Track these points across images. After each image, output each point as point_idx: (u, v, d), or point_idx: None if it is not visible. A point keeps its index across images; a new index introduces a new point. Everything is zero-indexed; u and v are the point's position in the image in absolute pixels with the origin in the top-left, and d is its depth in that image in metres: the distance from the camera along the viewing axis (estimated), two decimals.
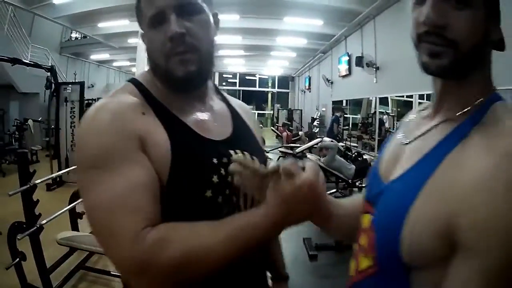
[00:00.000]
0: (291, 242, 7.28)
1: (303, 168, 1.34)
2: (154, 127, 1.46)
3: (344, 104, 21.56)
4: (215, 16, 1.69)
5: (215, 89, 1.92)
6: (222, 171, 1.52)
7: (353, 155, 13.44)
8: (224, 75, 42.95)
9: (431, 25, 1.19)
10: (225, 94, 1.99)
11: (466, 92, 1.26)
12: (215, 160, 1.53)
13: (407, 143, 1.39)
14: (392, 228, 1.17)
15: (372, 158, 12.30)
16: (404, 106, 13.51)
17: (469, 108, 1.23)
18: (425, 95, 12.41)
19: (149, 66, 1.65)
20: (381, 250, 1.25)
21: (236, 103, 2.00)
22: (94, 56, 30.91)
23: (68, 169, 9.06)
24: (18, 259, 4.78)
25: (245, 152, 1.66)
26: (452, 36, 1.17)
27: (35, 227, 4.86)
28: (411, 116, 1.60)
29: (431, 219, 1.08)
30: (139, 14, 1.61)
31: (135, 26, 16.27)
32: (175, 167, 1.41)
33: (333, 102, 22.64)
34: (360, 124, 18.24)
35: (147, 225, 1.25)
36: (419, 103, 12.31)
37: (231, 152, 1.59)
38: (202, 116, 1.67)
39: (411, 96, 12.37)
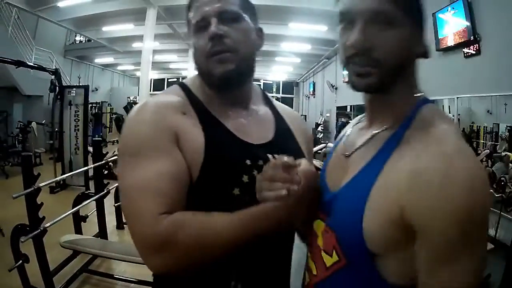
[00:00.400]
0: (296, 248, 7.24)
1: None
2: (192, 126, 1.59)
3: (348, 109, 21.58)
4: (258, 30, 1.83)
5: (262, 95, 2.04)
6: (255, 173, 1.59)
7: None
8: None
9: (359, 48, 1.28)
10: (274, 101, 2.09)
11: (395, 102, 1.40)
12: (248, 162, 1.63)
13: (349, 155, 1.52)
14: (353, 222, 1.29)
15: None
16: None
17: (400, 116, 1.37)
18: None
19: (196, 69, 1.77)
20: (347, 245, 1.35)
21: (285, 110, 2.07)
22: (99, 60, 30.94)
23: (72, 172, 9.08)
24: (21, 261, 4.80)
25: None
26: (378, 56, 1.28)
27: (38, 230, 4.87)
28: (348, 129, 1.74)
29: (385, 210, 1.22)
30: (188, 25, 1.75)
31: (139, 31, 16.33)
32: (206, 164, 1.53)
33: (338, 108, 22.69)
34: None
35: (167, 210, 1.38)
36: None
37: (269, 156, 1.62)
38: (243, 120, 1.77)
39: None
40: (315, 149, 16.65)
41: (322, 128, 25.23)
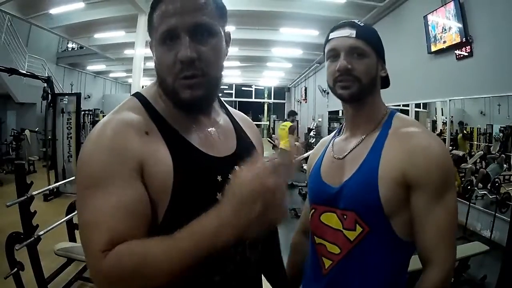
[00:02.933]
0: None
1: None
2: (157, 146, 1.48)
3: (340, 114, 21.59)
4: (227, 35, 1.67)
5: (219, 103, 1.92)
6: None
7: None
8: (220, 86, 42.31)
9: (344, 69, 1.90)
10: (229, 108, 2.00)
11: (370, 111, 2.03)
12: (219, 178, 1.55)
13: (343, 157, 2.03)
14: (372, 195, 1.79)
15: None
16: None
17: (379, 122, 2.00)
18: (421, 104, 12.47)
19: (157, 79, 1.65)
20: (368, 214, 1.82)
21: (240, 116, 2.01)
22: (91, 67, 30.89)
23: (65, 180, 9.08)
24: (16, 269, 4.78)
25: None
26: (356, 74, 1.91)
27: (32, 238, 4.86)
28: (327, 143, 2.29)
29: (392, 177, 1.77)
30: (150, 25, 1.61)
31: (131, 37, 16.29)
32: (177, 185, 1.43)
33: (329, 113, 22.69)
34: None
35: (111, 245, 1.27)
36: (416, 112, 12.39)
37: (236, 168, 1.53)
38: (207, 132, 1.69)
39: (407, 105, 12.41)
40: (307, 154, 16.63)
41: (315, 133, 25.25)
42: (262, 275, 1.95)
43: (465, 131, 10.60)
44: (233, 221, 1.19)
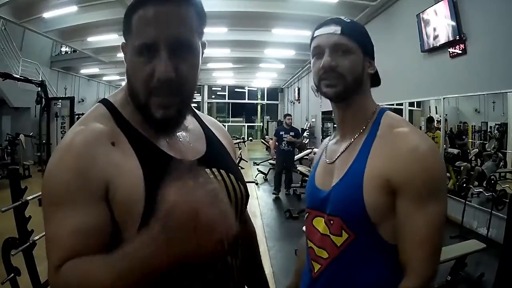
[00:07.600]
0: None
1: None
2: (125, 156, 1.46)
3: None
4: (203, 45, 1.64)
5: None
6: None
7: None
8: (213, 88, 43.40)
9: (328, 66, 1.88)
10: (198, 112, 1.97)
11: (358, 111, 1.98)
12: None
13: (333, 161, 2.01)
14: (356, 199, 1.75)
15: None
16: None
17: (368, 122, 1.95)
18: (415, 103, 12.48)
19: (127, 87, 1.63)
20: (352, 220, 1.78)
21: (209, 120, 1.99)
22: (84, 71, 30.94)
23: None
24: (12, 274, 4.75)
25: (221, 170, 1.68)
26: (341, 71, 1.87)
27: (28, 243, 4.81)
28: (325, 144, 2.26)
29: (377, 185, 1.72)
30: (127, 26, 1.53)
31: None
32: (149, 193, 1.40)
33: (323, 113, 22.69)
34: None
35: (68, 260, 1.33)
36: (410, 110, 12.40)
37: (207, 171, 1.61)
38: (175, 136, 1.67)
39: (401, 104, 12.42)
40: (301, 155, 16.67)
41: (308, 133, 25.26)
42: None
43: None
44: (164, 249, 1.17)
